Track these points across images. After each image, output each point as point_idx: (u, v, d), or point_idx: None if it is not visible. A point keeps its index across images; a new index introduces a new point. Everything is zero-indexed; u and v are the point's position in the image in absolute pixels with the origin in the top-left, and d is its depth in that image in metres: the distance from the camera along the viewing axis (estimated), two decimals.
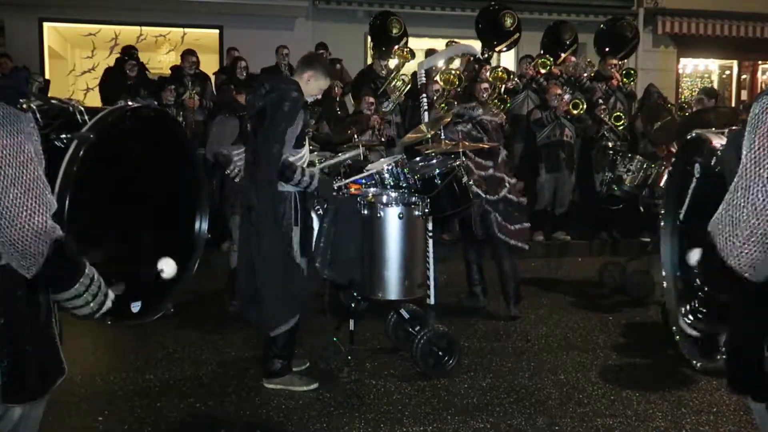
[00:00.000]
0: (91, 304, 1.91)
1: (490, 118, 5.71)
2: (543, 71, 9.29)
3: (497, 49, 9.92)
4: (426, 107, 5.19)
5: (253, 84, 4.54)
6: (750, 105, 1.68)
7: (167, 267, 2.14)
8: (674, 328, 2.21)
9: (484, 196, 5.46)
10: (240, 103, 5.97)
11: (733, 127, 1.74)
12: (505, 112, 8.32)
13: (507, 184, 5.58)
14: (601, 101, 8.71)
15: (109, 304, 1.98)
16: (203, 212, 2.61)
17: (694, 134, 2.20)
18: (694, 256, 1.94)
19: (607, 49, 10.03)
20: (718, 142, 1.99)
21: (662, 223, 2.40)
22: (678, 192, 2.27)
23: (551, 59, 9.47)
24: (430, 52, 9.46)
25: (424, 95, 5.37)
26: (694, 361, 2.10)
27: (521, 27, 9.66)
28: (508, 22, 9.49)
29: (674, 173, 2.45)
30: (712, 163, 2.02)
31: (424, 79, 5.52)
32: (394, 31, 9.48)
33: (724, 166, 1.81)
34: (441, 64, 8.74)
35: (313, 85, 4.08)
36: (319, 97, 4.35)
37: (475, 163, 5.54)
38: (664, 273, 2.39)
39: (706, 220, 1.67)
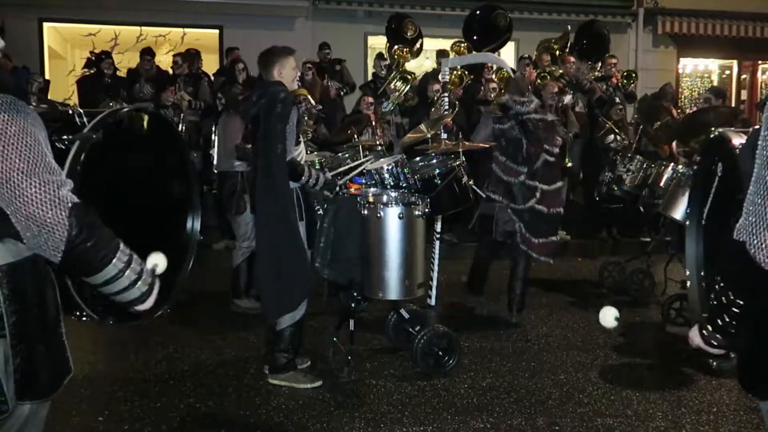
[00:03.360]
0: (138, 285, 1.82)
1: (540, 117, 5.30)
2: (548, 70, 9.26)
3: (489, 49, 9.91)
4: (447, 105, 5.16)
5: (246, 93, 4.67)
6: (764, 103, 1.67)
7: (160, 261, 2.07)
8: (699, 325, 2.20)
9: (507, 204, 5.22)
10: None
11: (756, 126, 1.70)
12: None
13: (538, 194, 5.23)
14: (618, 100, 8.71)
15: (158, 287, 1.87)
16: (195, 212, 2.61)
17: (717, 133, 2.18)
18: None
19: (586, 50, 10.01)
20: (738, 141, 1.98)
21: (687, 223, 2.39)
22: (702, 192, 2.26)
23: (554, 68, 9.43)
24: (441, 54, 9.45)
25: (446, 94, 5.33)
26: (711, 360, 2.11)
27: (512, 27, 9.65)
28: (502, 22, 9.48)
29: (698, 173, 2.44)
30: (733, 163, 2.00)
31: (447, 77, 5.47)
32: (409, 33, 9.48)
33: (742, 165, 1.79)
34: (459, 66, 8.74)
35: (286, 74, 4.13)
36: (298, 78, 4.43)
37: (504, 167, 5.24)
38: (688, 272, 2.38)
39: (728, 219, 1.64)
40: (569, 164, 8.06)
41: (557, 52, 9.87)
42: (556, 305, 6.14)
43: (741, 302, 1.65)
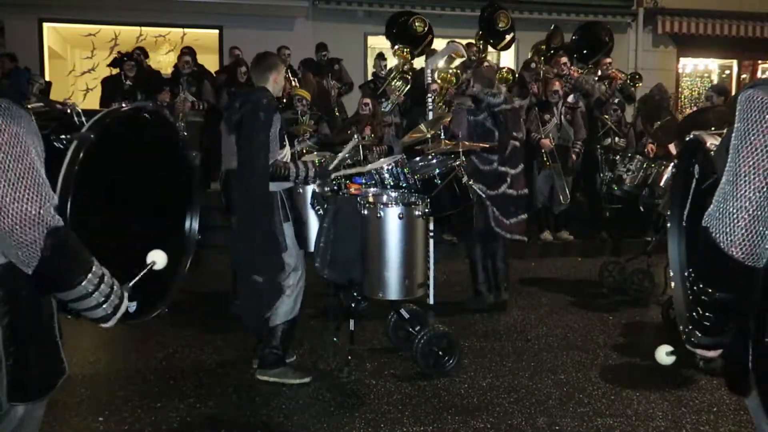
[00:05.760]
0: (104, 306, 1.86)
1: (508, 107, 5.65)
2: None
3: (498, 48, 9.92)
4: (431, 107, 5.22)
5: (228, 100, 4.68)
6: (735, 99, 1.70)
7: (158, 258, 2.10)
8: (681, 327, 2.21)
9: (484, 190, 5.52)
10: None
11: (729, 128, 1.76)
12: None
13: (508, 179, 5.62)
14: (615, 103, 8.73)
15: (124, 308, 1.93)
16: (194, 212, 2.60)
17: (692, 136, 2.20)
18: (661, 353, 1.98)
19: (584, 52, 9.98)
20: (712, 142, 2.01)
21: (668, 225, 2.40)
22: (681, 194, 2.27)
23: (546, 68, 9.44)
24: (430, 53, 9.46)
25: (430, 95, 5.39)
26: (698, 360, 2.12)
27: (515, 27, 9.65)
28: (502, 22, 9.50)
29: (677, 175, 2.45)
30: (708, 164, 2.02)
31: (430, 78, 5.54)
32: (419, 30, 9.45)
33: (716, 166, 1.82)
34: (441, 63, 8.75)
35: (280, 81, 4.23)
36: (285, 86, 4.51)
37: (480, 157, 5.58)
38: (672, 274, 2.39)
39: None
40: (548, 162, 8.09)
41: (550, 53, 9.87)
42: (556, 305, 6.14)
43: (710, 290, 1.69)
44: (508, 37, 9.61)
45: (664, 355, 2.00)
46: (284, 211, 4.10)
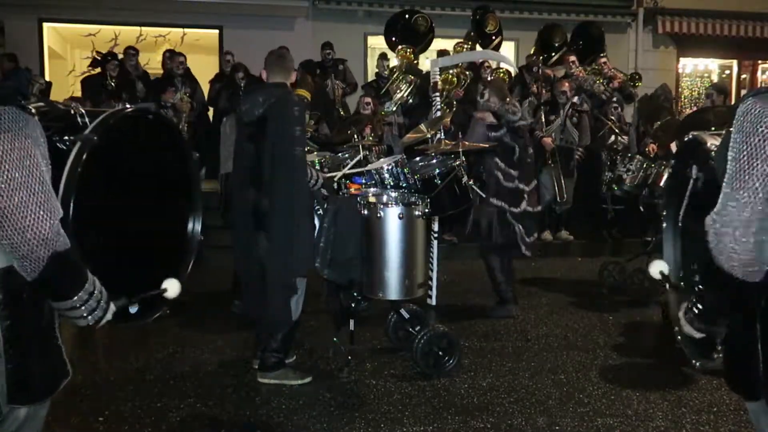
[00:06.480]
0: (88, 318, 1.90)
1: (526, 123, 5.69)
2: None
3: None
4: (438, 106, 5.22)
5: (244, 94, 4.62)
6: (736, 107, 1.70)
7: (172, 288, 2.15)
8: (675, 329, 2.21)
9: (508, 208, 5.48)
10: None
11: (730, 129, 1.75)
12: None
13: (525, 196, 5.57)
14: (614, 101, 8.74)
15: (108, 317, 1.96)
16: (196, 213, 2.60)
17: (690, 136, 2.20)
18: (655, 268, 2.06)
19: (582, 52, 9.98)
20: (713, 143, 2.00)
21: (664, 226, 2.40)
22: (678, 194, 2.27)
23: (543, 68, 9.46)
24: (441, 53, 9.48)
25: (437, 94, 5.39)
26: (693, 360, 2.11)
27: (512, 28, 9.66)
28: (491, 25, 9.52)
29: (673, 175, 2.45)
30: (708, 165, 2.02)
31: (438, 77, 5.54)
32: (421, 27, 9.44)
33: (717, 167, 1.82)
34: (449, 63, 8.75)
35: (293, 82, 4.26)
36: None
37: (505, 173, 5.53)
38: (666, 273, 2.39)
39: (703, 222, 1.69)
40: (548, 161, 8.10)
41: (552, 53, 9.88)
42: (556, 305, 6.14)
43: (703, 289, 1.75)
44: (496, 40, 9.63)
45: (658, 271, 2.05)
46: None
